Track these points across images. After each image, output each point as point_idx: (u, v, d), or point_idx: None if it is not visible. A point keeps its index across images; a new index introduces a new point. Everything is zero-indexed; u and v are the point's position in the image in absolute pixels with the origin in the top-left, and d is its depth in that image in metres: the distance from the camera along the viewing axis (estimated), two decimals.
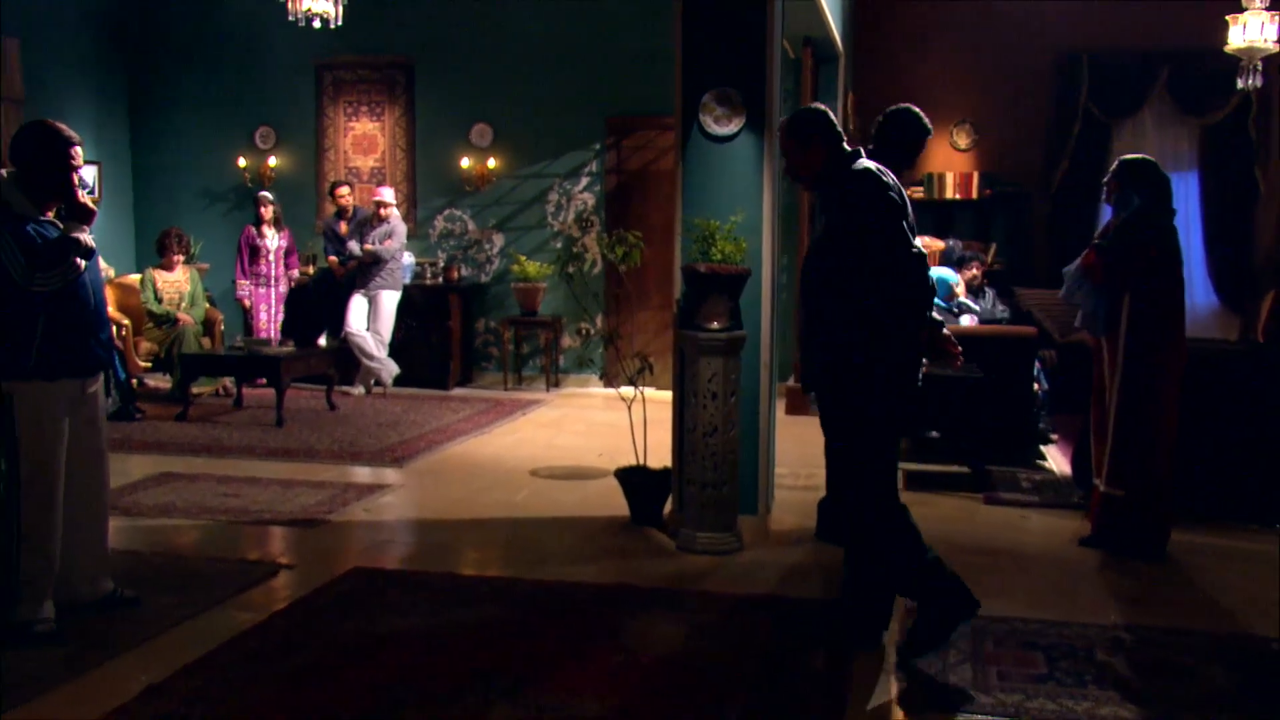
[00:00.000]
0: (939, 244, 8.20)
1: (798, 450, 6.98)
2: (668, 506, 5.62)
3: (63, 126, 4.02)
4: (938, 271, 7.77)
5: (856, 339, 3.84)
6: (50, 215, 3.99)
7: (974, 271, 8.56)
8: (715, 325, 4.99)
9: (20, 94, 9.35)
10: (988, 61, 10.32)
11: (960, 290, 8.31)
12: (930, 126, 5.33)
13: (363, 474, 6.68)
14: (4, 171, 3.98)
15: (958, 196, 10.39)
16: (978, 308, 8.30)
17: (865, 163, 3.94)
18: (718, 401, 5.03)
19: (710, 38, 5.19)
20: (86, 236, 3.95)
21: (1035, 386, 7.38)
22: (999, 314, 8.57)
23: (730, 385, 5.05)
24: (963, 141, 10.60)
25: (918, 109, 5.31)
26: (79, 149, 4.00)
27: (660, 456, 5.70)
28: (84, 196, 4.04)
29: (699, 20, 5.21)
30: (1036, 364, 7.51)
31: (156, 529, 5.41)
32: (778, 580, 4.82)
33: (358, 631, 4.06)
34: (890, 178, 3.94)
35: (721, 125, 5.18)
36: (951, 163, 10.58)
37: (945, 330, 4.14)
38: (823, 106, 4.20)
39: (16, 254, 3.79)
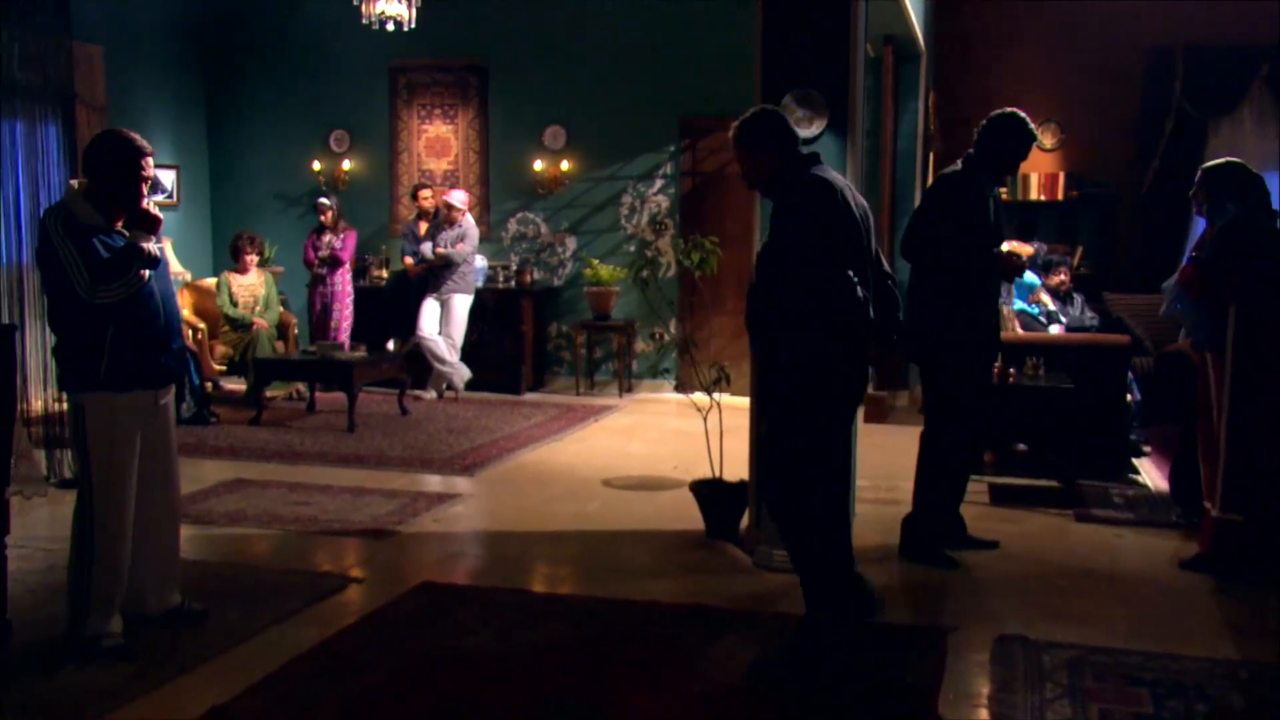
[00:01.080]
0: (1027, 249, 7.91)
1: (878, 459, 6.76)
2: (744, 521, 5.45)
3: (135, 136, 3.96)
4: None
5: (791, 358, 3.70)
6: (119, 226, 3.93)
7: (1062, 277, 8.25)
8: None
9: (103, 100, 9.45)
10: (1075, 57, 9.97)
11: (1044, 296, 8.02)
12: (1036, 133, 5.14)
13: (434, 482, 6.60)
14: (74, 182, 3.93)
15: (1042, 198, 10.06)
16: (1064, 317, 8.00)
17: (822, 172, 3.82)
18: None
19: (791, 37, 5.00)
20: (152, 246, 3.89)
21: (1128, 397, 7.08)
22: (1087, 321, 8.26)
23: None
24: (1048, 141, 10.26)
25: (1024, 114, 5.11)
26: (150, 160, 3.94)
27: (736, 467, 5.53)
28: (150, 206, 3.97)
29: (780, 19, 5.02)
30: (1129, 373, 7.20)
31: (227, 538, 5.37)
32: None
33: (425, 651, 3.95)
34: (841, 190, 3.79)
35: (802, 128, 4.97)
36: (1036, 163, 10.22)
37: (895, 352, 4.04)
38: (774, 109, 4.03)
39: (80, 266, 3.74)
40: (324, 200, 9.64)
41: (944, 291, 5.02)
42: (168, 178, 10.45)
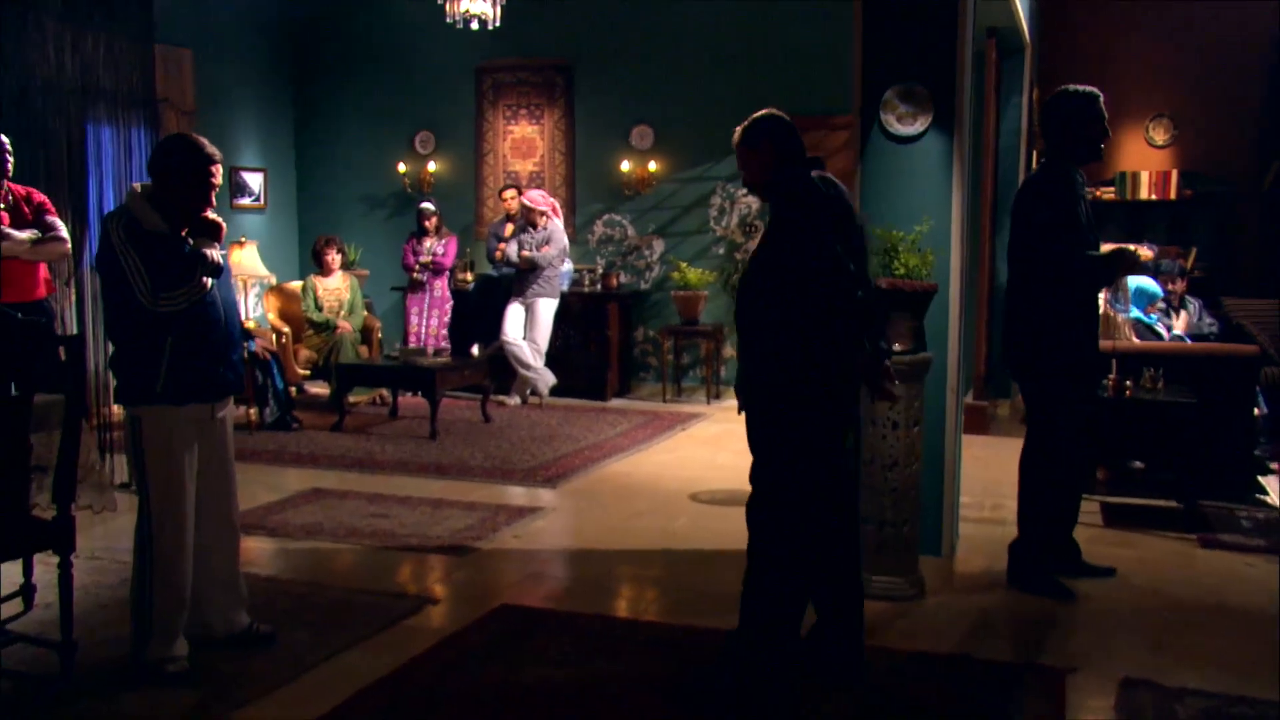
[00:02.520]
0: (1147, 252, 7.44)
1: (980, 475, 6.40)
2: None
3: (204, 141, 3.79)
4: (1140, 282, 7.05)
5: (779, 363, 3.57)
6: (183, 232, 3.76)
7: (1178, 285, 7.75)
8: (897, 347, 4.48)
9: (191, 104, 9.46)
10: (1189, 49, 9.45)
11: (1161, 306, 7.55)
12: (1102, 106, 4.71)
13: (515, 494, 6.39)
14: (137, 186, 3.78)
15: (1153, 197, 9.56)
16: (1164, 328, 7.47)
17: (823, 180, 3.66)
18: (899, 431, 4.53)
19: (894, 29, 4.69)
20: (215, 253, 3.72)
21: (1254, 410, 6.59)
22: (1206, 328, 7.77)
23: (913, 414, 4.54)
24: (1159, 137, 9.76)
25: (1081, 87, 4.72)
26: (219, 166, 3.77)
27: None
28: (213, 213, 3.80)
29: (882, 10, 4.71)
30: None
31: (302, 553, 5.21)
32: (964, 634, 4.28)
33: (501, 683, 3.72)
34: (843, 199, 3.65)
35: (905, 124, 4.67)
36: (1147, 160, 9.75)
37: (887, 362, 3.76)
38: (779, 113, 3.82)
39: (143, 274, 3.58)
40: (428, 205, 9.52)
41: (1043, 300, 4.66)
42: (255, 181, 10.44)
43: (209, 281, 3.71)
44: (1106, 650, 4.08)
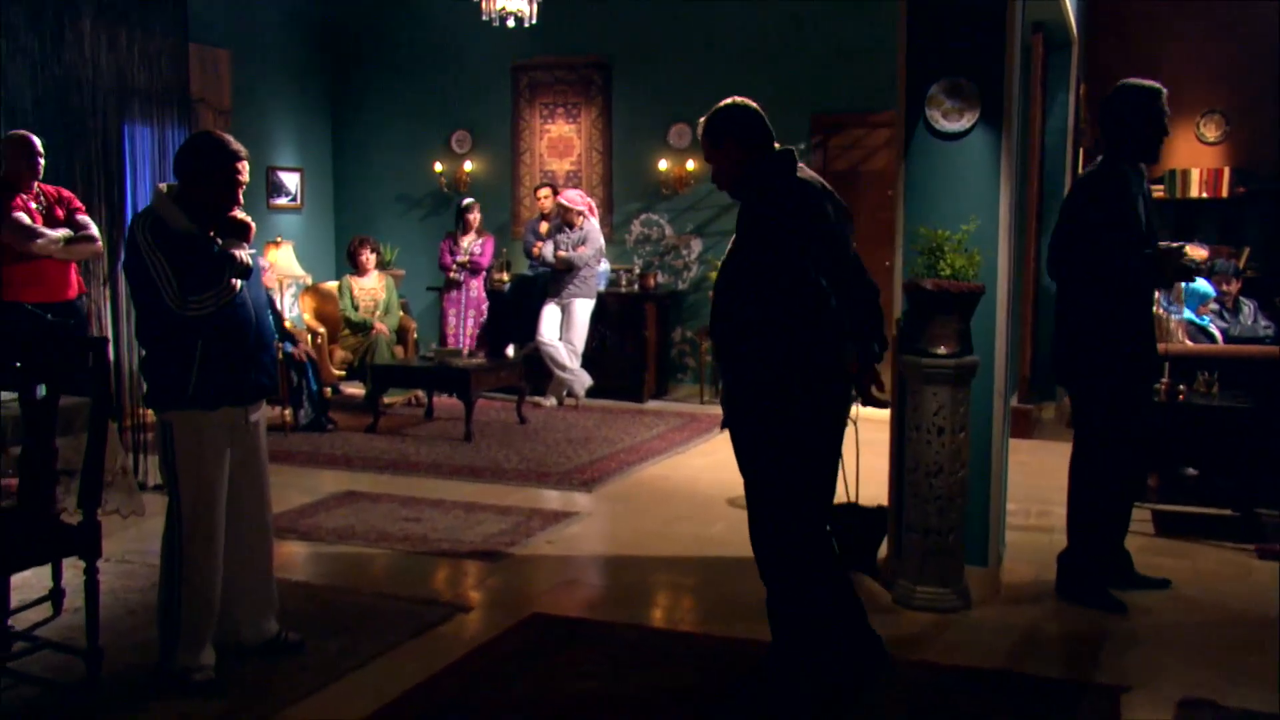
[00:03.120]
0: (1201, 252, 7.23)
1: (1027, 480, 6.23)
2: (882, 549, 5.00)
3: (229, 138, 3.72)
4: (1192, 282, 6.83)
5: (760, 372, 3.44)
6: (210, 233, 3.69)
7: (1231, 286, 7.53)
8: (942, 350, 4.34)
9: (228, 104, 9.44)
10: (1242, 43, 9.18)
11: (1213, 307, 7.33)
12: (1164, 101, 4.56)
13: (550, 498, 6.30)
14: (163, 186, 3.71)
15: (1204, 195, 9.30)
16: (1217, 330, 7.26)
17: (799, 173, 3.50)
18: (944, 437, 4.39)
19: (940, 22, 4.53)
20: (244, 254, 3.64)
21: None
22: (1261, 330, 7.54)
23: (959, 419, 4.39)
24: (1211, 134, 9.50)
25: (1141, 80, 4.56)
26: (245, 163, 3.69)
27: (874, 486, 5.09)
28: (241, 213, 3.72)
29: (928, 3, 4.55)
30: None
31: (332, 557, 5.14)
32: (1010, 648, 4.14)
33: (532, 695, 3.62)
34: (819, 193, 3.48)
35: (951, 120, 4.52)
36: (1197, 157, 9.49)
37: (877, 366, 3.60)
38: (744, 101, 3.68)
39: (170, 276, 3.50)
40: (471, 200, 9.43)
41: (1095, 304, 4.50)
42: (291, 181, 10.42)
43: (238, 283, 3.63)
44: (1162, 667, 3.91)
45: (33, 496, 3.44)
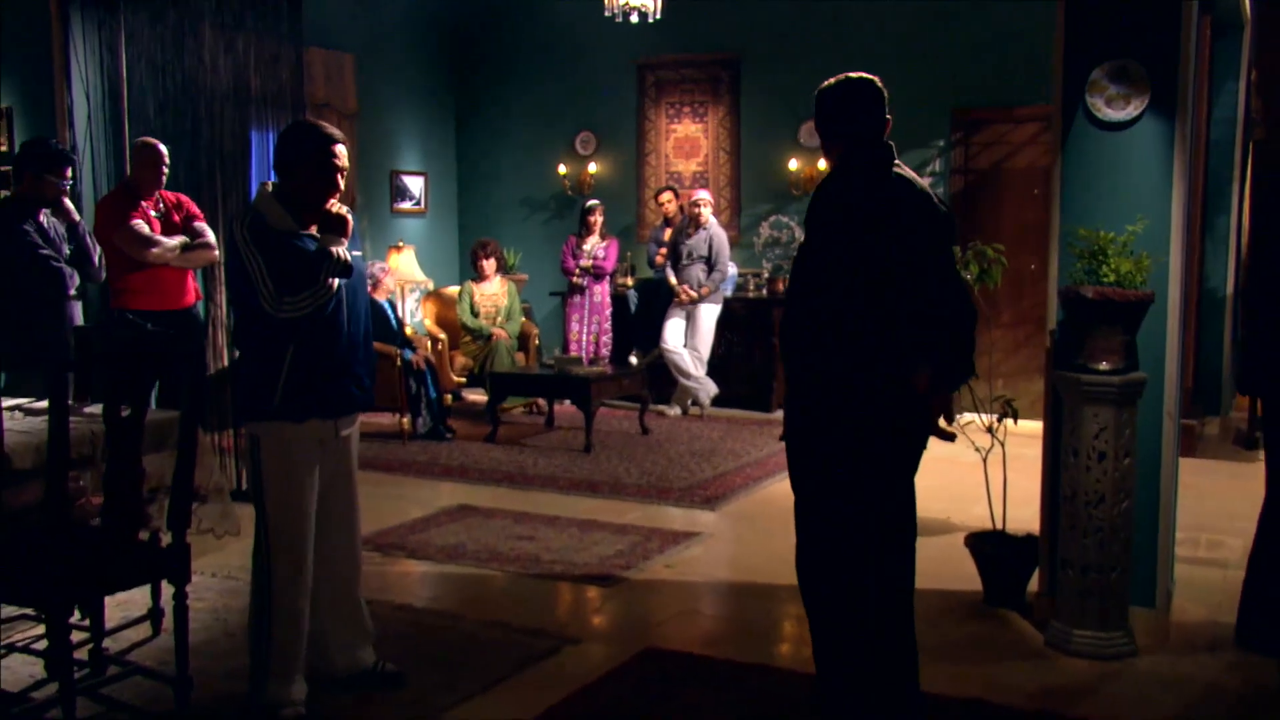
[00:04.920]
0: None
1: (1192, 505, 5.62)
2: (1032, 583, 4.53)
3: (323, 124, 3.50)
4: None
5: (815, 380, 3.16)
6: (312, 230, 3.46)
7: None
8: (1105, 366, 3.87)
9: (353, 108, 9.40)
10: None
11: None
12: None
13: (670, 516, 5.96)
14: (268, 184, 3.50)
15: None
16: None
17: (900, 169, 3.16)
18: (1105, 463, 3.91)
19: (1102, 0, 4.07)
20: (344, 251, 3.39)
21: None
22: None
23: (1123, 443, 3.91)
24: None
25: None
26: (341, 147, 3.44)
27: (1022, 510, 4.64)
28: (339, 207, 3.48)
29: None
30: None
31: (440, 578, 4.91)
32: (1185, 704, 3.66)
33: None
34: (924, 194, 3.11)
35: (1115, 108, 4.04)
36: None
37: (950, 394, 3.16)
38: (847, 79, 3.30)
39: (265, 276, 3.28)
40: (594, 202, 9.20)
41: None
42: (415, 185, 10.34)
43: (336, 283, 3.39)
44: None
45: (118, 517, 3.26)
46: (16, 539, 3.25)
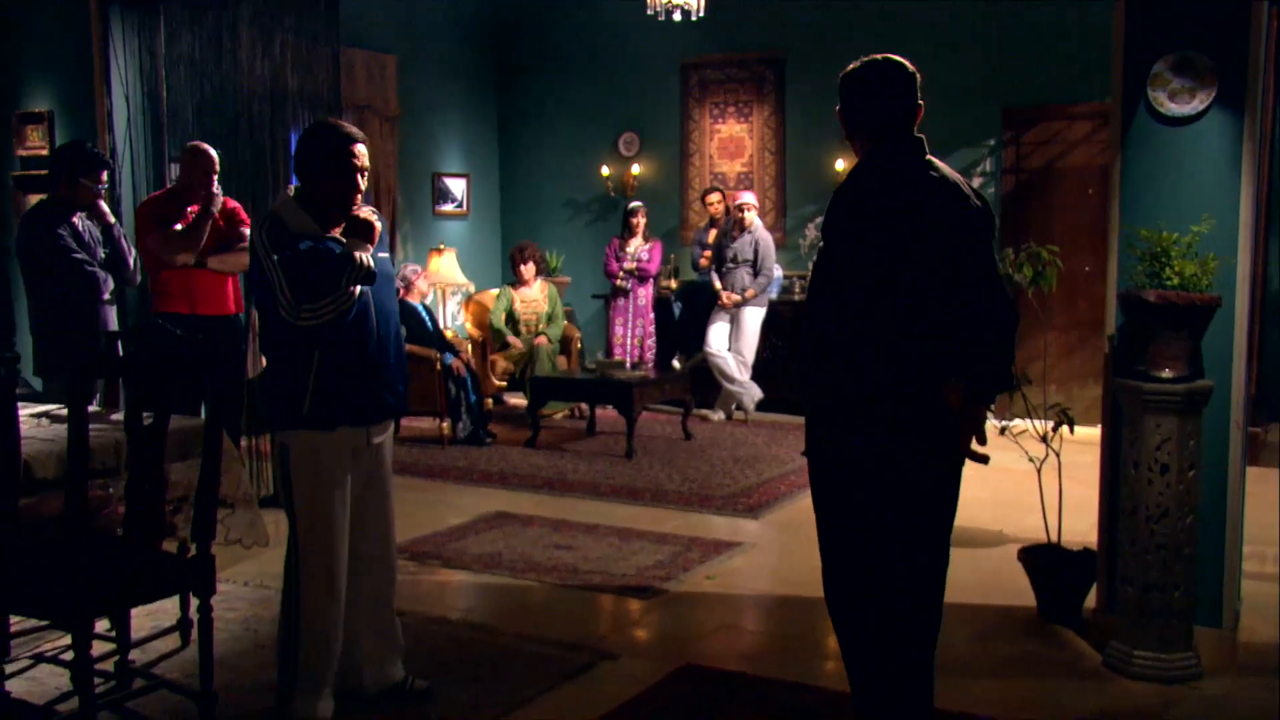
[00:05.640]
0: None
1: (1257, 517, 5.37)
2: (1090, 598, 4.34)
3: (343, 123, 3.40)
4: None
5: (834, 390, 2.95)
6: (337, 234, 3.36)
7: None
8: (1168, 373, 3.68)
9: (395, 110, 9.34)
10: None
11: None
12: None
13: (712, 525, 5.81)
14: (290, 188, 3.41)
15: None
16: None
17: (935, 164, 2.92)
18: (1169, 476, 3.72)
19: None
20: (368, 258, 3.28)
21: None
22: None
23: (1188, 454, 3.72)
24: None
25: None
26: (361, 147, 3.34)
27: (1078, 519, 4.45)
28: (366, 213, 3.37)
29: None
30: None
31: (475, 588, 4.80)
32: None
33: None
34: (956, 189, 2.86)
35: (1179, 102, 3.84)
36: None
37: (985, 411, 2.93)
38: (875, 60, 3.06)
39: (284, 281, 3.18)
40: (637, 204, 9.07)
41: None
42: (457, 187, 10.27)
43: (358, 290, 3.28)
44: None
45: (140, 528, 3.17)
46: (36, 549, 3.17)
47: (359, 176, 3.32)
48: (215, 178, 5.58)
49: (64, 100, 6.62)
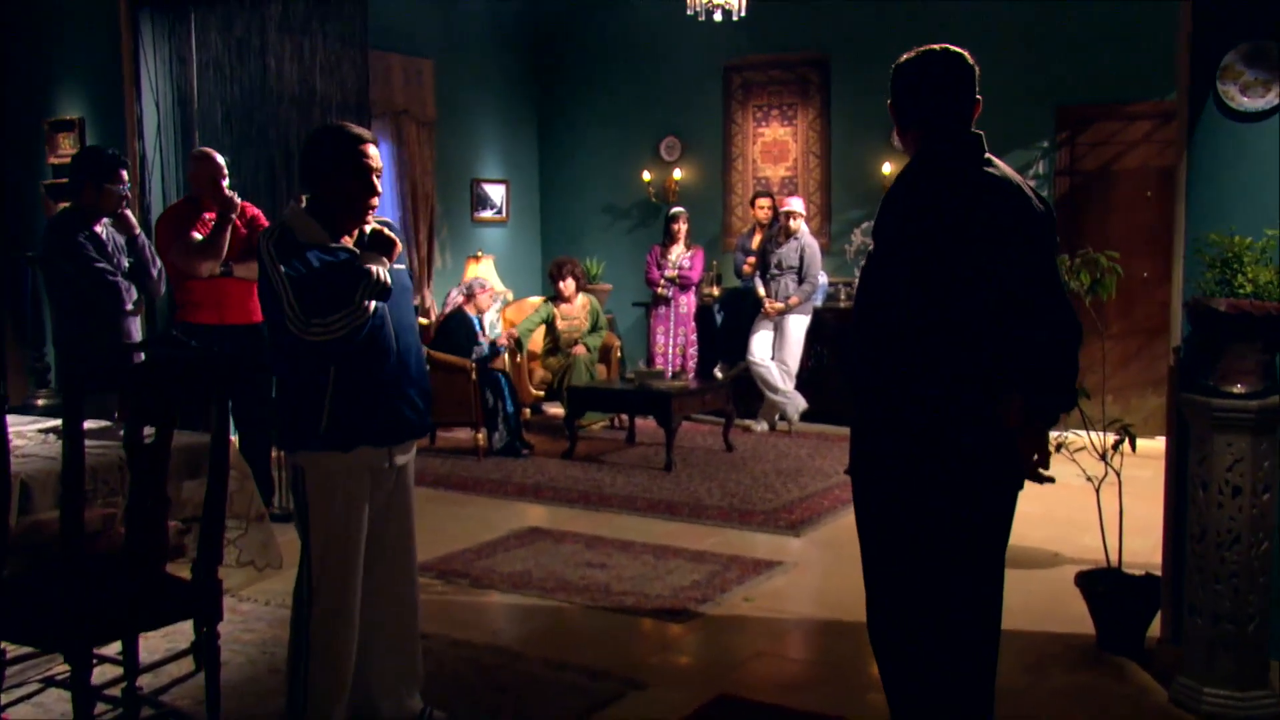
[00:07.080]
0: None
1: None
2: (1154, 626, 4.07)
3: (350, 125, 3.22)
4: None
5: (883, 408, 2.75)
6: (349, 244, 3.18)
7: None
8: (1240, 388, 3.42)
9: (432, 115, 9.21)
10: None
11: None
12: None
13: (753, 542, 5.59)
14: (302, 198, 3.23)
15: None
16: None
17: (995, 165, 2.70)
18: (1241, 499, 3.45)
19: None
20: (383, 272, 3.10)
21: None
22: None
23: (1261, 476, 3.45)
24: None
25: None
26: (372, 147, 3.16)
27: (1138, 540, 4.18)
28: (390, 230, 3.19)
29: None
30: None
31: (502, 610, 4.61)
32: None
33: None
34: (1020, 191, 2.62)
35: (1252, 96, 3.58)
36: None
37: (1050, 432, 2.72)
38: (929, 51, 2.78)
39: (291, 294, 3.00)
40: (679, 210, 8.88)
41: None
42: (497, 193, 10.12)
43: (372, 305, 3.10)
44: None
45: (140, 552, 3.01)
46: (30, 572, 3.02)
47: (374, 177, 3.14)
48: (225, 182, 5.46)
49: (95, 107, 6.54)
